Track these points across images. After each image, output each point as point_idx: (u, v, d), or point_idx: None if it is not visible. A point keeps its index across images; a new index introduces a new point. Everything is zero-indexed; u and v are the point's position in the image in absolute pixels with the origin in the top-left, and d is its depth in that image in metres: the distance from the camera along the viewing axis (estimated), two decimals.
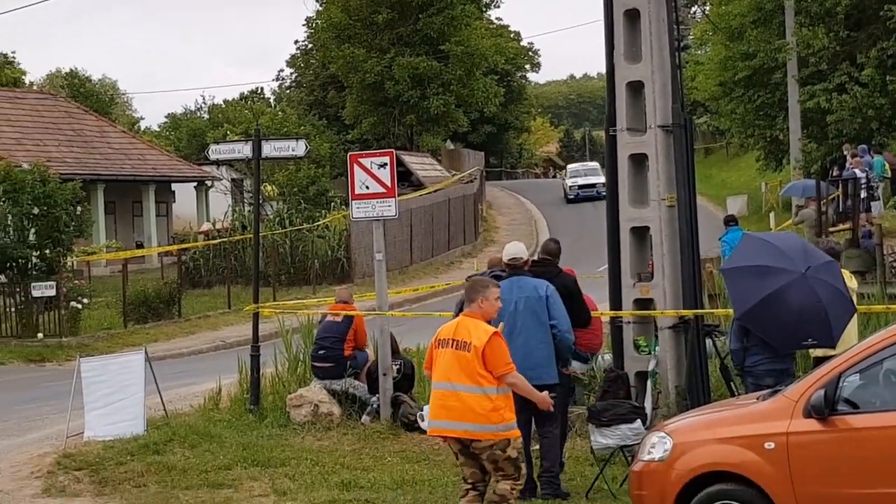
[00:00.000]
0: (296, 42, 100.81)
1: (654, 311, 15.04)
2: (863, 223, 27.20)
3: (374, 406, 17.22)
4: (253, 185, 20.82)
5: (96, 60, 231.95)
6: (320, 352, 17.68)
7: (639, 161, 15.32)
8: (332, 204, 50.70)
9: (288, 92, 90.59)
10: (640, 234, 15.37)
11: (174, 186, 58.98)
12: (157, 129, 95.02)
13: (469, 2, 68.78)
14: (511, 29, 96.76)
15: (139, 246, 52.85)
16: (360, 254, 44.07)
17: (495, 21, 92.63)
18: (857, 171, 30.98)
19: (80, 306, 33.32)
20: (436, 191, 56.23)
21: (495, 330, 10.78)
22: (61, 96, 63.87)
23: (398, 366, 17.33)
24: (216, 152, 20.03)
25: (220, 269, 44.77)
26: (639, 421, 13.15)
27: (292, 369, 18.87)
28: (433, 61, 66.96)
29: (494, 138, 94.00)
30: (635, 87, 15.26)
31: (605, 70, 15.78)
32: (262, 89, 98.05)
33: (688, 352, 14.73)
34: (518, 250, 13.34)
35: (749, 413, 10.26)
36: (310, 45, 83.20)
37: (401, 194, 34.85)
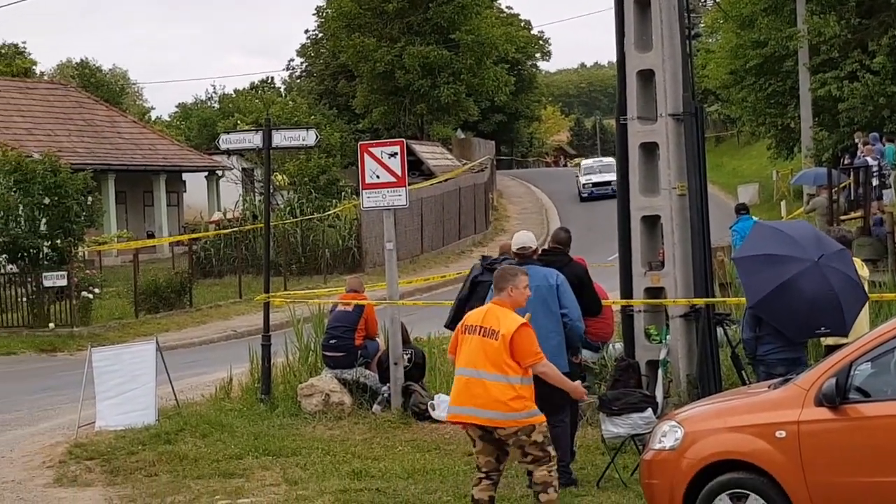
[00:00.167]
0: (306, 31, 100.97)
1: (665, 300, 15.02)
2: (874, 211, 27.16)
3: (385, 395, 17.22)
4: (263, 174, 20.81)
5: (107, 50, 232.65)
6: (331, 341, 17.68)
7: (649, 150, 15.29)
8: (343, 193, 50.68)
9: (298, 81, 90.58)
10: (651, 222, 15.34)
11: (185, 176, 59.07)
12: (168, 119, 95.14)
13: None
14: (521, 17, 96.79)
15: (150, 236, 52.92)
16: (371, 243, 44.08)
17: (506, 10, 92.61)
18: (868, 158, 30.92)
19: (91, 296, 33.37)
20: (446, 180, 56.20)
21: (524, 320, 10.78)
22: (72, 86, 63.94)
23: (409, 355, 17.32)
24: (227, 142, 20.03)
25: (231, 259, 44.82)
26: (650, 410, 13.13)
27: (303, 359, 18.88)
28: (443, 50, 66.91)
29: (505, 127, 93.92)
30: (646, 76, 15.22)
31: (615, 59, 15.75)
32: (272, 79, 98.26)
33: (699, 340, 14.71)
34: (527, 239, 13.29)
35: (760, 402, 10.24)
36: (320, 35, 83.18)
37: (411, 183, 34.82)
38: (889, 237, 23.94)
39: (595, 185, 66.33)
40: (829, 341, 13.25)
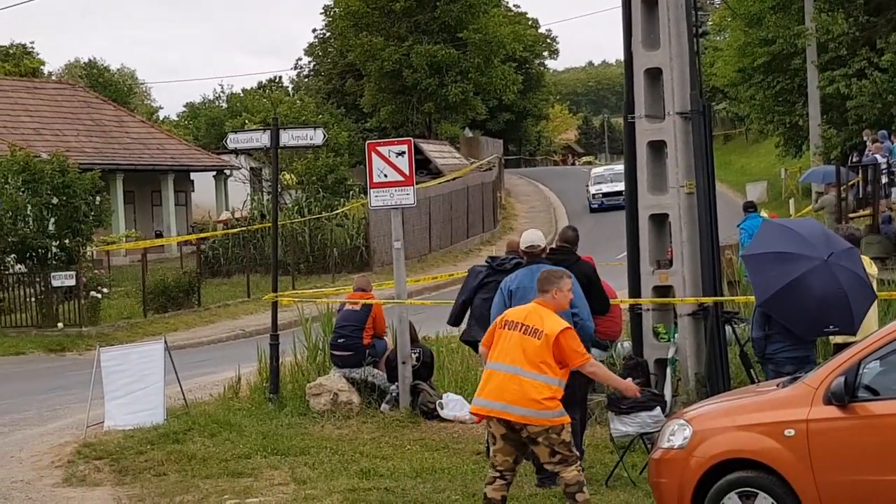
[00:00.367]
0: (314, 31, 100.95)
1: (674, 299, 15.01)
2: (883, 209, 27.13)
3: (394, 394, 17.22)
4: (271, 173, 20.81)
5: (115, 50, 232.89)
6: (339, 340, 17.68)
7: (657, 148, 15.28)
8: (351, 192, 50.74)
9: (306, 80, 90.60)
10: (660, 221, 15.33)
11: (193, 176, 59.11)
12: (176, 119, 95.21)
13: None
14: (529, 16, 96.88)
15: (158, 235, 52.97)
16: (379, 242, 44.11)
17: (513, 8, 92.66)
18: (877, 156, 30.86)
19: (99, 296, 33.41)
20: (454, 179, 56.19)
21: (567, 324, 10.89)
22: (80, 86, 64.01)
23: (417, 354, 17.32)
24: (234, 141, 20.00)
25: (239, 258, 44.86)
26: (658, 408, 13.12)
27: (311, 358, 18.88)
28: (451, 49, 66.93)
29: (513, 126, 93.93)
30: (653, 74, 15.22)
31: (623, 57, 15.74)
32: (280, 78, 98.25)
33: (707, 339, 14.70)
34: (535, 237, 13.28)
35: (769, 400, 10.22)
36: (328, 34, 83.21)
37: (419, 182, 34.80)
38: None
39: (605, 195, 62.45)
40: (838, 340, 13.23)
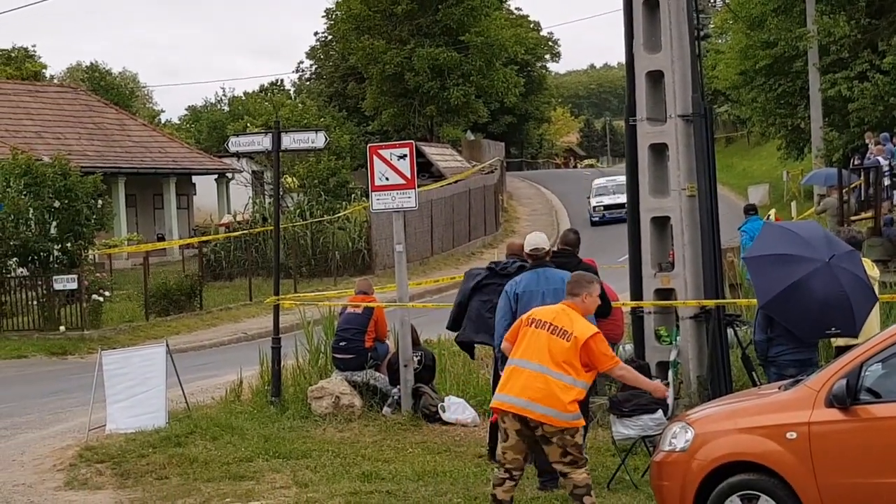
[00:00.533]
0: (315, 34, 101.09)
1: (676, 302, 15.00)
2: (885, 211, 27.11)
3: (395, 397, 17.21)
4: (273, 177, 20.81)
5: (116, 52, 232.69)
6: (341, 343, 17.67)
7: (659, 151, 15.28)
8: (353, 195, 50.74)
9: (308, 84, 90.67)
10: (661, 223, 15.32)
11: (195, 179, 59.14)
12: (178, 122, 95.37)
13: None
14: (531, 19, 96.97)
15: (160, 238, 52.96)
16: (381, 245, 44.11)
17: (515, 11, 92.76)
18: (880, 158, 30.83)
19: (101, 299, 33.39)
20: (456, 182, 56.21)
21: (596, 328, 10.93)
22: (82, 89, 64.04)
23: (419, 357, 17.32)
24: (236, 145, 19.99)
25: (241, 262, 44.86)
26: (660, 411, 13.10)
27: (313, 361, 18.87)
28: (453, 52, 66.96)
29: (514, 129, 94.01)
30: (655, 77, 15.21)
31: (624, 60, 15.74)
32: (282, 81, 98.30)
33: (709, 342, 14.69)
34: (540, 240, 13.28)
35: (771, 403, 10.22)
36: (329, 37, 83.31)
37: (421, 185, 34.85)
38: None
39: (607, 207, 58.91)
40: (840, 342, 13.22)
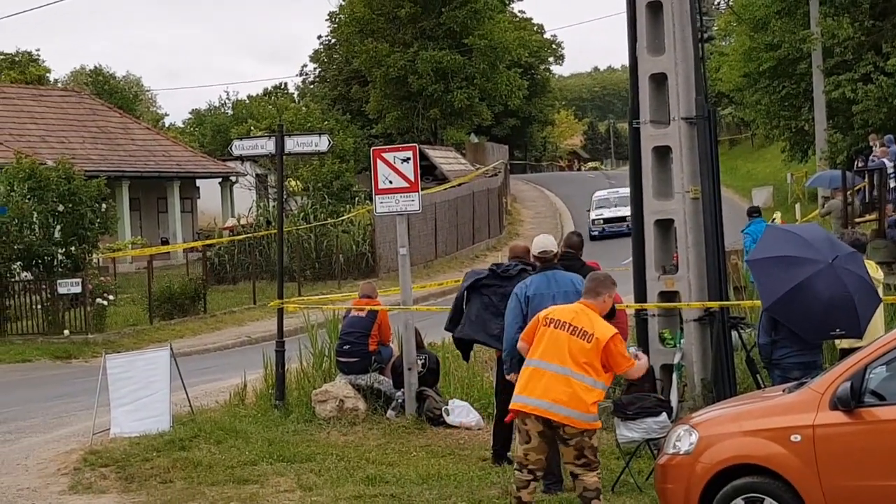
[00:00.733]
0: (319, 37, 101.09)
1: (680, 304, 14.99)
2: (889, 213, 27.05)
3: (399, 401, 17.20)
4: (277, 180, 20.81)
5: (120, 57, 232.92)
6: (345, 347, 17.67)
7: (663, 153, 15.26)
8: (357, 199, 50.77)
9: (312, 87, 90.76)
10: (665, 226, 15.31)
11: (199, 182, 59.17)
12: (182, 126, 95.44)
13: None
14: (534, 22, 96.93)
15: (164, 242, 53.00)
16: (385, 248, 44.10)
17: (518, 14, 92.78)
18: (885, 160, 30.78)
19: (105, 303, 33.41)
20: (460, 185, 56.19)
21: (616, 330, 11.03)
22: (85, 93, 64.08)
23: (423, 360, 17.31)
24: (239, 148, 19.99)
25: (245, 265, 44.88)
26: (664, 414, 13.10)
27: (317, 364, 18.87)
28: (456, 55, 67.00)
29: (518, 131, 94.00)
30: (658, 80, 15.20)
31: (628, 62, 15.73)
32: (285, 84, 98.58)
33: (713, 344, 14.67)
34: (548, 243, 13.28)
35: (775, 406, 10.21)
36: (333, 40, 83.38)
37: (425, 188, 34.82)
38: None
39: (607, 221, 56.04)
40: (844, 345, 13.21)
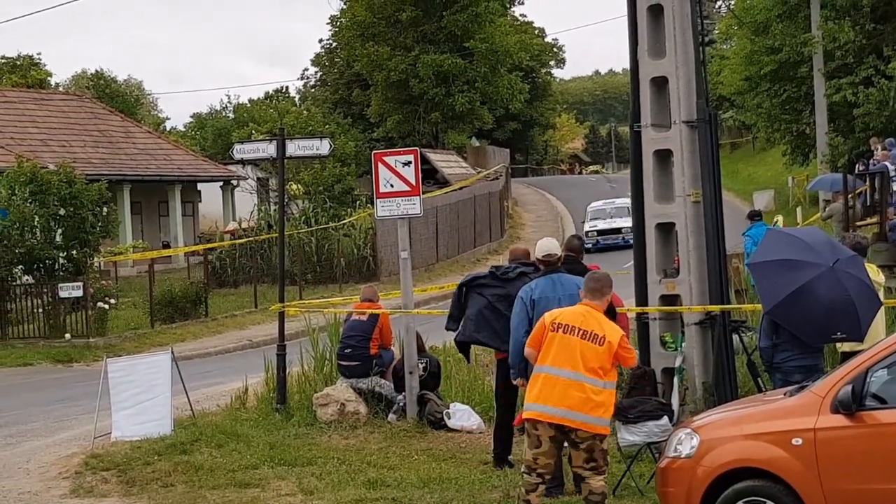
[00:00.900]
0: (320, 41, 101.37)
1: (681, 307, 14.98)
2: (890, 217, 27.03)
3: (401, 404, 17.20)
4: (278, 184, 20.81)
5: (121, 61, 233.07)
6: (346, 350, 17.67)
7: (664, 157, 15.25)
8: (358, 202, 50.76)
9: (313, 91, 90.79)
10: (666, 230, 15.30)
11: (200, 186, 59.15)
12: (183, 129, 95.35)
13: None
14: (535, 25, 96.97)
15: (165, 246, 53.01)
16: (386, 252, 44.09)
17: (519, 17, 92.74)
18: (888, 163, 30.76)
19: (107, 307, 33.39)
20: (461, 188, 56.20)
21: (622, 330, 11.10)
22: (87, 97, 64.09)
23: (424, 364, 17.31)
24: (240, 152, 19.99)
25: (246, 269, 44.89)
26: (665, 418, 13.10)
27: (319, 368, 18.88)
28: (458, 58, 67.02)
29: (519, 135, 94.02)
30: (659, 83, 15.19)
31: (629, 66, 15.73)
32: (286, 88, 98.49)
33: (714, 348, 14.66)
34: (552, 246, 13.29)
35: (776, 409, 10.20)
36: (334, 44, 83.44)
37: (426, 192, 34.84)
38: None
39: (601, 232, 52.81)
40: (845, 348, 13.21)
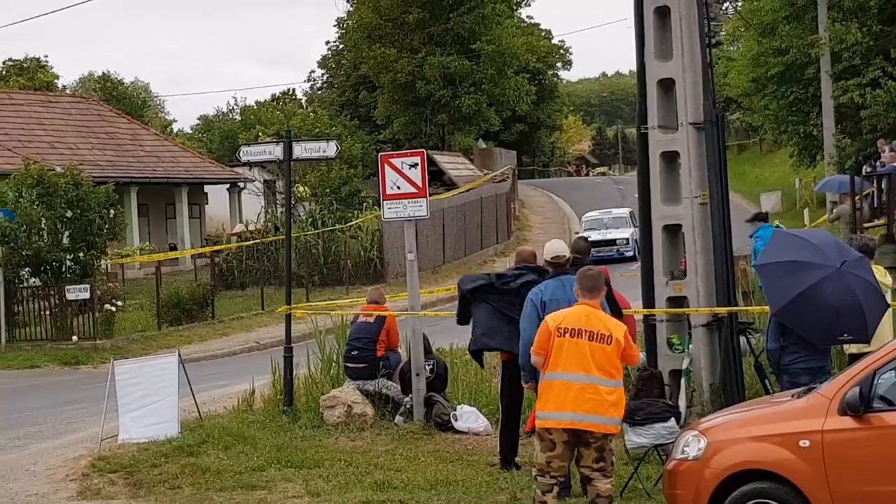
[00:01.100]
0: (327, 43, 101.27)
1: (688, 309, 14.97)
2: None
3: (408, 406, 17.20)
4: (285, 186, 20.81)
5: (129, 63, 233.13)
6: (353, 352, 17.68)
7: (671, 159, 15.26)
8: (365, 204, 50.70)
9: (319, 93, 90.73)
10: (673, 231, 15.30)
11: (207, 188, 59.17)
12: (190, 132, 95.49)
13: (500, 1, 68.74)
14: (542, 27, 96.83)
15: (172, 248, 53.02)
16: (393, 254, 44.07)
17: (526, 19, 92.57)
18: (894, 165, 30.68)
19: (114, 309, 33.40)
20: (468, 190, 56.17)
21: (625, 326, 11.17)
22: (94, 99, 64.07)
23: (431, 366, 17.31)
24: (247, 154, 19.99)
25: (253, 271, 44.86)
26: (673, 419, 13.09)
27: (325, 370, 18.89)
28: (464, 60, 66.95)
29: (526, 137, 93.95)
30: (666, 85, 15.19)
31: (635, 68, 15.72)
32: (293, 90, 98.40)
33: (721, 350, 14.65)
34: (561, 248, 13.29)
35: (784, 411, 10.19)
36: (341, 46, 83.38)
37: (433, 194, 34.81)
38: None
39: (595, 244, 47.80)
40: (853, 350, 13.19)
